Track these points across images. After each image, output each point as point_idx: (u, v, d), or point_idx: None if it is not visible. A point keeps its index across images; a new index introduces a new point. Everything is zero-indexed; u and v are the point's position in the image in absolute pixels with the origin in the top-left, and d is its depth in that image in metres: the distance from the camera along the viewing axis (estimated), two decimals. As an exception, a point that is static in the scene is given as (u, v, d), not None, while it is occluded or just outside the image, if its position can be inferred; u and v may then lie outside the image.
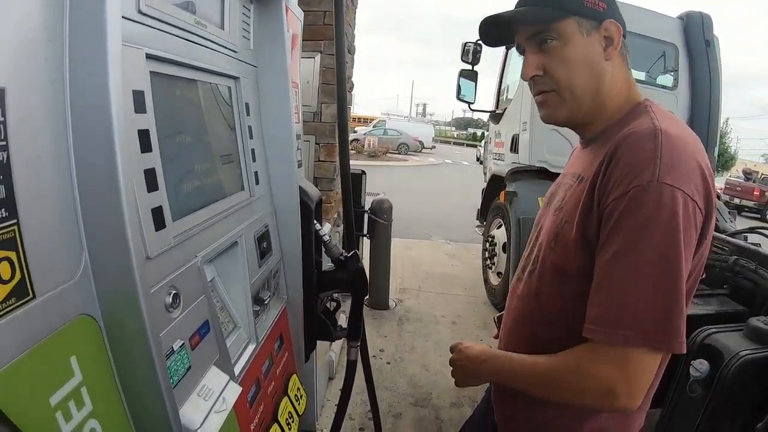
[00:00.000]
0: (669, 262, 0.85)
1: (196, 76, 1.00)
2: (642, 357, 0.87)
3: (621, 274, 0.86)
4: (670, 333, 0.85)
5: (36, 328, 0.55)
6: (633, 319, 0.85)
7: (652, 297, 0.85)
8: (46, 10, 0.57)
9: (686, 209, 0.85)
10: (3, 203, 0.51)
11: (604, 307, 0.88)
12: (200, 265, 0.89)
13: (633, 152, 0.89)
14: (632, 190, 0.86)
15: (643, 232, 0.85)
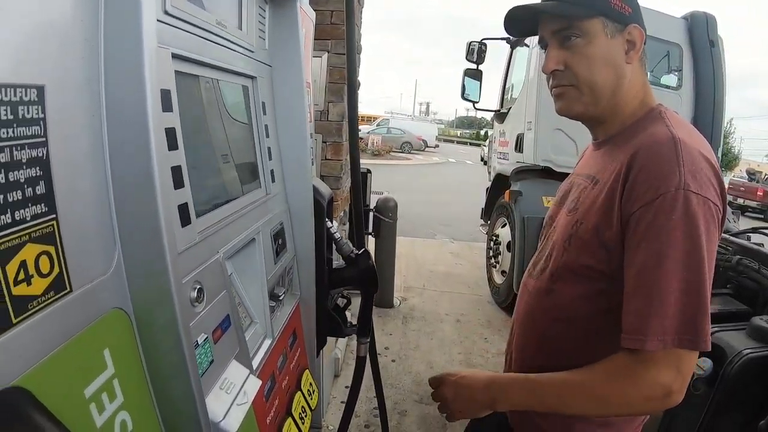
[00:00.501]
0: (698, 266, 0.88)
1: (216, 75, 1.02)
2: (690, 356, 0.91)
3: (656, 282, 0.89)
4: (705, 332, 0.89)
5: (72, 321, 0.57)
6: (678, 325, 0.88)
7: (689, 301, 0.88)
8: (82, 8, 0.58)
9: (709, 213, 0.89)
10: (42, 198, 0.53)
11: (647, 316, 0.90)
12: (222, 261, 0.91)
13: (655, 160, 0.92)
14: (660, 197, 0.89)
15: (674, 240, 0.88)
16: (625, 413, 1.00)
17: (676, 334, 0.88)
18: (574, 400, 0.98)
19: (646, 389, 0.91)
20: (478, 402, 1.06)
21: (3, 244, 0.48)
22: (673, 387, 0.89)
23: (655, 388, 0.90)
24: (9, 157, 0.48)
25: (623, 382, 0.92)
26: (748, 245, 2.91)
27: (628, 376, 0.92)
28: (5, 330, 0.48)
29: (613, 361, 0.95)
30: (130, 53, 0.60)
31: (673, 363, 0.89)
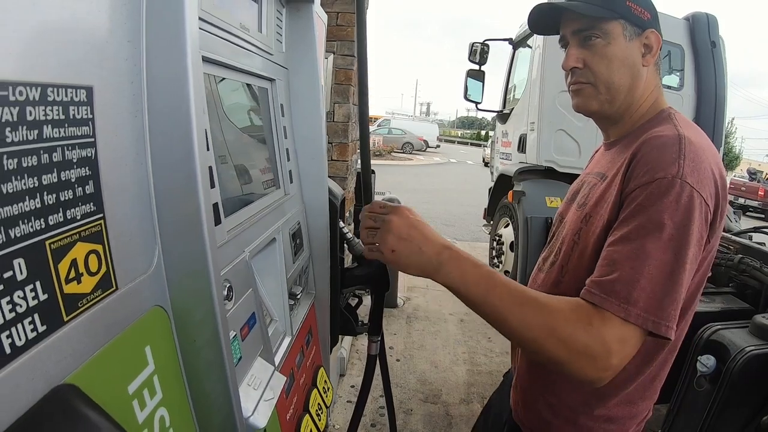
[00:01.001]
0: (679, 253, 0.88)
1: (239, 77, 1.04)
2: (640, 337, 0.88)
3: (636, 254, 0.89)
4: (669, 318, 0.88)
5: (118, 318, 0.58)
6: (645, 301, 0.87)
7: (662, 282, 0.87)
8: (124, 10, 0.59)
9: (700, 210, 0.90)
10: (91, 198, 0.54)
11: (622, 281, 0.88)
12: (248, 260, 0.93)
13: (658, 150, 0.95)
14: (657, 180, 0.91)
15: (661, 221, 0.89)
16: (553, 355, 0.89)
17: (641, 310, 0.86)
18: (520, 312, 0.89)
19: (592, 342, 0.86)
20: (424, 254, 0.93)
21: (56, 243, 0.49)
22: (613, 359, 0.86)
23: (599, 347, 0.86)
24: (61, 156, 0.50)
25: (579, 323, 0.88)
26: (750, 244, 2.94)
27: (587, 323, 0.87)
28: (57, 328, 0.49)
29: (578, 303, 0.92)
30: (174, 56, 0.61)
31: (625, 335, 0.87)
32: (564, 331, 0.87)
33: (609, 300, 0.87)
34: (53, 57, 0.49)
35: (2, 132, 0.43)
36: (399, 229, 0.94)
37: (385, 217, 0.95)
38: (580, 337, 0.86)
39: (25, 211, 0.45)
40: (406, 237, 0.93)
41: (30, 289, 0.46)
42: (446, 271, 0.92)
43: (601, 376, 0.87)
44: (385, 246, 0.93)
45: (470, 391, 3.47)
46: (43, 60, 0.47)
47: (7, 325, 0.43)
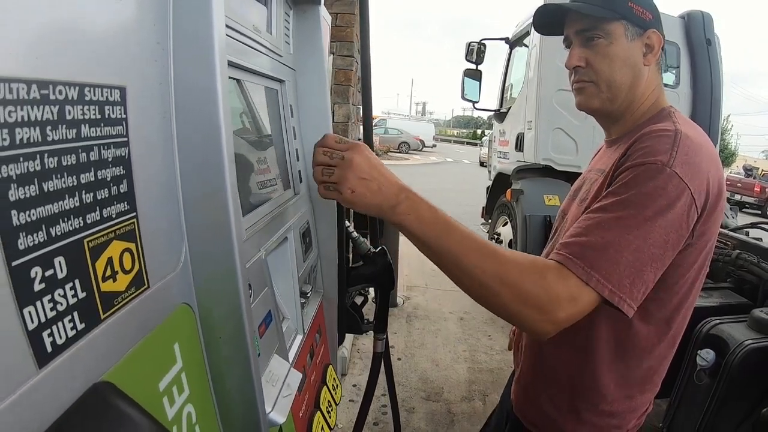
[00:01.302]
0: (651, 235, 0.90)
1: (252, 79, 1.06)
2: (593, 302, 0.89)
3: (610, 225, 0.91)
4: (629, 294, 0.89)
5: (149, 316, 0.59)
6: (607, 269, 0.88)
7: (628, 257, 0.89)
8: (153, 11, 0.60)
9: (684, 202, 0.91)
10: (125, 197, 0.55)
11: (589, 246, 0.90)
12: (264, 258, 0.94)
13: (653, 140, 0.97)
14: (646, 164, 0.93)
15: (641, 201, 0.91)
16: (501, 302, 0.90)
17: (602, 277, 0.88)
18: (474, 257, 0.89)
19: (542, 294, 0.87)
20: (383, 195, 0.90)
21: (93, 242, 0.50)
22: (560, 314, 0.87)
23: (547, 299, 0.87)
24: (98, 155, 0.51)
25: (532, 275, 0.88)
26: (747, 240, 2.97)
27: (540, 276, 0.88)
28: (95, 326, 0.50)
29: (535, 258, 0.93)
30: (203, 59, 0.62)
31: (578, 295, 0.88)
32: (515, 279, 0.88)
33: (574, 261, 0.89)
34: (90, 57, 0.50)
35: (44, 130, 0.44)
36: (360, 167, 0.89)
37: (345, 155, 0.90)
38: (529, 288, 0.87)
39: (65, 210, 0.46)
40: (368, 177, 0.89)
41: (70, 288, 0.47)
42: (402, 211, 0.90)
43: (546, 328, 0.89)
44: (345, 186, 0.89)
45: (471, 388, 3.49)
46: (80, 60, 0.48)
47: (48, 323, 0.44)
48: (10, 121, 0.40)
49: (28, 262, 0.42)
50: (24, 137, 0.42)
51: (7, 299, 0.40)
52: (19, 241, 0.41)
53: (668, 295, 1.04)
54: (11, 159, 0.40)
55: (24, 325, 0.41)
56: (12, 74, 0.40)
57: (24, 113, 0.42)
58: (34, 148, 0.43)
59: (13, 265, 0.40)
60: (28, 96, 0.42)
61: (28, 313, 0.42)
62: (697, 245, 1.00)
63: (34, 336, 0.42)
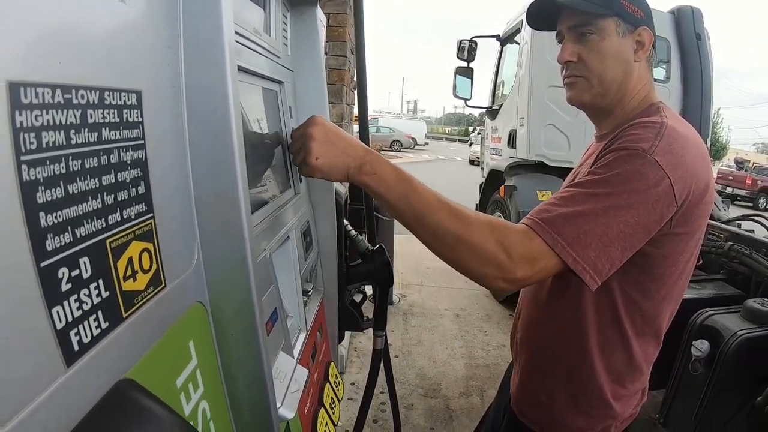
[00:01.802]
0: (623, 215, 0.93)
1: (253, 81, 1.07)
2: (554, 267, 0.94)
3: (584, 199, 0.94)
4: (592, 264, 0.93)
5: (166, 314, 0.61)
6: (573, 238, 0.92)
7: (595, 231, 0.92)
8: (164, 16, 0.61)
9: (663, 191, 0.94)
10: (143, 198, 0.57)
11: (560, 215, 0.94)
12: (269, 257, 0.96)
13: (637, 129, 1.01)
14: (629, 149, 0.96)
15: (617, 181, 0.94)
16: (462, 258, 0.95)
17: (567, 244, 0.92)
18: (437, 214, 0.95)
19: (501, 252, 0.91)
20: (348, 156, 0.96)
21: (115, 242, 0.51)
22: (518, 272, 0.92)
23: (505, 257, 0.91)
24: (117, 158, 0.52)
25: (493, 234, 0.92)
26: (739, 232, 3.01)
27: (502, 235, 0.92)
28: (117, 325, 0.51)
29: (498, 220, 0.97)
30: (214, 63, 0.63)
31: (540, 257, 0.92)
32: (476, 237, 0.92)
33: (542, 225, 0.93)
34: (108, 62, 0.51)
35: (68, 134, 0.45)
36: (319, 134, 0.96)
37: (305, 130, 0.97)
38: (490, 246, 0.92)
39: (88, 211, 0.48)
40: (328, 141, 0.96)
41: (94, 287, 0.48)
42: (367, 171, 0.95)
43: (502, 285, 0.94)
44: (310, 155, 0.95)
45: (469, 384, 3.51)
46: (99, 65, 0.50)
47: (75, 322, 0.45)
48: (37, 124, 0.41)
49: (55, 262, 0.43)
50: (50, 141, 0.43)
51: (36, 299, 0.41)
52: (47, 242, 0.42)
53: (656, 285, 1.08)
54: (39, 162, 0.41)
55: (53, 324, 0.42)
56: (38, 79, 0.42)
57: (49, 117, 0.43)
58: (60, 151, 0.44)
59: (41, 266, 0.41)
60: (52, 100, 0.43)
61: (56, 313, 0.43)
62: (682, 236, 1.03)
63: (62, 335, 0.43)
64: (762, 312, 2.19)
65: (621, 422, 1.21)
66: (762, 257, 2.62)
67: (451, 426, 3.05)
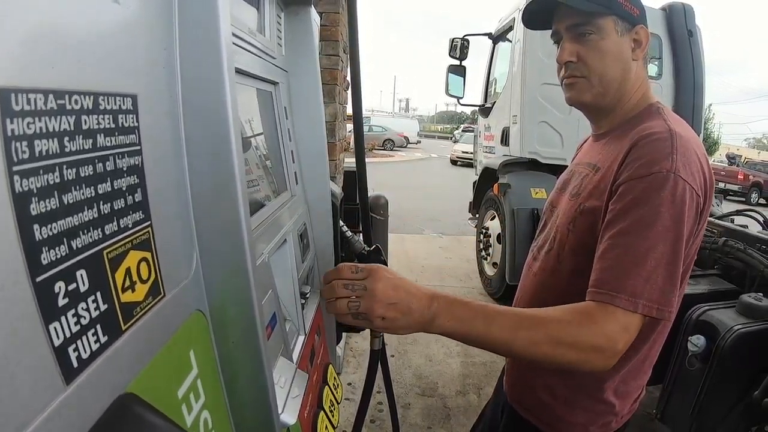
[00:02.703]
0: (675, 243, 0.94)
1: (248, 82, 1.05)
2: (641, 322, 0.94)
3: (636, 247, 0.94)
4: (671, 304, 0.94)
5: (166, 324, 0.59)
6: (650, 291, 0.92)
7: (661, 271, 0.93)
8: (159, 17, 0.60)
9: (692, 201, 0.95)
10: (140, 206, 0.55)
11: (623, 277, 0.93)
12: (268, 261, 0.94)
13: (653, 146, 0.99)
14: (652, 175, 0.95)
15: (658, 214, 0.93)
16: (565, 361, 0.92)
17: (647, 300, 0.92)
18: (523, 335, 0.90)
19: (598, 338, 0.91)
20: (415, 312, 0.89)
21: (112, 252, 0.49)
22: (619, 346, 0.91)
23: (604, 340, 0.91)
24: (113, 165, 0.50)
25: (581, 325, 0.92)
26: (733, 227, 3.02)
27: (589, 321, 0.92)
28: (117, 338, 0.50)
29: (574, 307, 0.96)
30: (211, 64, 0.62)
31: (629, 323, 0.92)
32: (569, 337, 0.91)
33: (618, 296, 0.92)
34: (103, 66, 0.49)
35: (61, 141, 0.43)
36: (385, 294, 0.88)
37: (366, 284, 0.88)
38: (585, 337, 0.91)
39: (84, 222, 0.46)
40: (395, 300, 0.88)
41: (92, 300, 0.46)
42: (441, 322, 0.90)
43: (609, 363, 0.93)
44: (374, 315, 0.87)
45: (465, 382, 3.51)
46: (94, 69, 0.48)
47: (73, 338, 0.43)
48: (29, 132, 0.40)
49: (51, 277, 0.41)
50: (43, 149, 0.41)
51: (33, 316, 0.39)
52: (42, 255, 0.40)
53: None
54: (31, 172, 0.40)
55: (50, 341, 0.41)
56: (30, 85, 0.40)
57: (42, 124, 0.41)
58: (53, 160, 0.42)
59: (37, 281, 0.39)
60: (45, 106, 0.41)
61: (54, 329, 0.41)
62: (693, 235, 1.02)
63: (60, 352, 0.42)
64: (757, 306, 2.20)
65: (621, 417, 1.21)
66: (756, 252, 2.63)
67: (449, 424, 3.04)
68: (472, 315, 0.91)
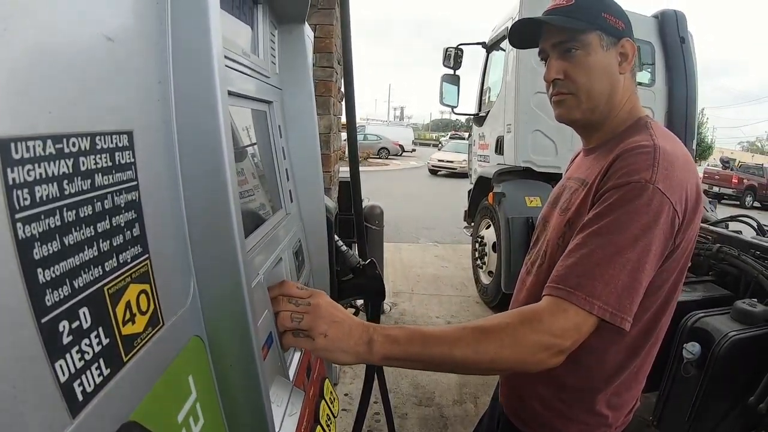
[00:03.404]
0: (643, 253, 0.95)
1: (242, 103, 1.07)
2: (594, 324, 0.95)
3: (602, 249, 0.96)
4: (626, 311, 0.94)
5: (166, 352, 0.60)
6: (607, 295, 0.93)
7: (623, 278, 0.94)
8: (154, 50, 0.60)
9: (667, 215, 0.96)
10: (138, 240, 0.56)
11: (583, 276, 0.95)
12: (263, 281, 0.95)
13: (635, 158, 1.01)
14: (630, 184, 0.97)
15: (630, 221, 0.95)
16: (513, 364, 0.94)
17: (604, 303, 0.93)
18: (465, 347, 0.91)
19: (543, 336, 0.92)
20: (354, 336, 0.90)
21: (113, 288, 0.51)
22: (566, 343, 0.93)
23: (550, 338, 0.92)
24: (111, 202, 0.51)
25: (525, 326, 0.93)
26: (727, 233, 3.04)
27: (535, 320, 0.94)
28: (119, 370, 0.51)
29: (518, 311, 0.98)
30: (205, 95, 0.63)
31: (581, 322, 0.94)
32: (511, 339, 0.93)
33: (575, 294, 0.94)
34: (98, 105, 0.50)
35: (61, 185, 0.44)
36: (328, 311, 0.92)
37: (311, 301, 0.93)
38: (529, 337, 0.92)
39: (85, 261, 0.47)
40: (337, 319, 0.91)
41: (94, 336, 0.47)
42: (378, 348, 0.90)
43: (557, 360, 0.95)
44: (317, 331, 0.90)
45: (462, 392, 3.52)
46: (90, 109, 0.49)
47: (78, 373, 0.45)
48: (29, 179, 0.41)
49: (55, 317, 0.42)
50: (43, 194, 0.42)
51: (39, 356, 0.41)
52: (47, 297, 0.42)
53: (655, 297, 1.08)
54: (33, 218, 0.41)
55: (56, 378, 0.42)
56: (29, 132, 0.41)
57: (42, 170, 0.42)
58: (54, 204, 0.43)
59: (42, 322, 0.41)
60: (44, 152, 0.42)
61: (59, 366, 0.42)
62: (679, 248, 1.04)
63: (66, 387, 0.43)
64: (752, 312, 2.22)
65: (614, 429, 1.22)
66: (750, 258, 2.65)
67: (446, 434, 3.05)
68: (408, 335, 0.92)
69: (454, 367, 0.96)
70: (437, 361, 0.92)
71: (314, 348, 0.91)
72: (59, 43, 0.45)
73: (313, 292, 0.95)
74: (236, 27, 1.04)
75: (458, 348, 0.91)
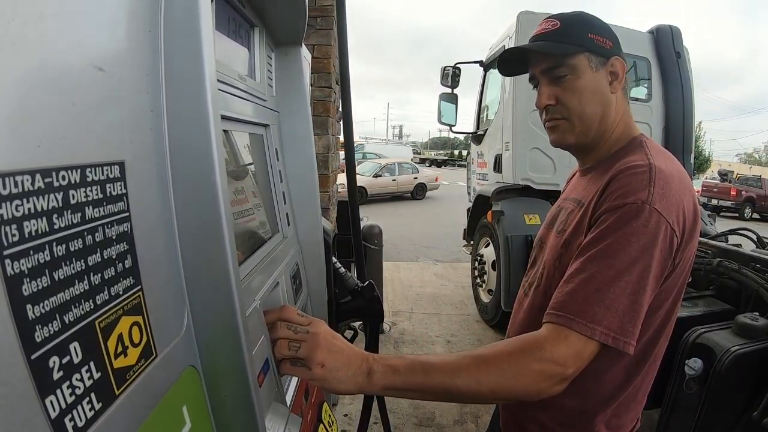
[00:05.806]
0: (642, 275, 0.94)
1: (238, 127, 1.07)
2: (596, 349, 0.94)
3: (601, 273, 0.95)
4: (629, 335, 0.93)
5: (160, 383, 0.60)
6: (609, 320, 0.92)
7: (623, 300, 0.93)
8: (147, 79, 0.60)
9: (665, 235, 0.95)
10: (130, 272, 0.55)
11: (583, 302, 0.94)
12: (259, 307, 0.95)
13: (629, 179, 1.00)
14: (627, 205, 0.97)
15: (627, 243, 0.94)
16: (516, 393, 0.93)
17: (605, 328, 0.92)
18: (466, 377, 0.90)
19: (545, 365, 0.91)
20: (353, 366, 0.89)
21: (104, 321, 0.50)
22: (569, 371, 0.92)
23: (553, 366, 0.91)
24: (102, 235, 0.51)
25: (527, 355, 0.92)
26: (727, 247, 3.03)
27: (536, 349, 0.93)
28: (111, 404, 0.50)
29: (519, 339, 0.97)
30: (198, 123, 0.63)
31: (582, 349, 0.93)
32: (513, 368, 0.92)
33: (576, 321, 0.93)
34: (89, 136, 0.49)
35: (50, 219, 0.44)
36: (327, 340, 0.90)
37: (309, 329, 0.91)
38: (531, 366, 0.92)
39: (76, 295, 0.46)
40: (336, 350, 0.90)
41: (86, 371, 0.47)
42: (378, 378, 0.89)
43: (559, 388, 0.94)
44: (314, 360, 0.88)
45: (463, 411, 3.49)
46: (80, 141, 0.48)
47: (68, 409, 0.44)
48: (18, 215, 0.40)
49: (45, 353, 0.42)
50: (32, 230, 0.42)
51: (29, 393, 0.40)
52: (36, 333, 0.41)
53: (654, 318, 1.07)
54: (22, 254, 0.40)
55: (47, 414, 0.41)
56: (17, 167, 0.40)
57: (30, 205, 0.42)
58: (43, 239, 0.43)
59: (32, 359, 0.40)
60: (32, 187, 0.42)
61: (50, 402, 0.42)
62: (679, 266, 1.04)
63: (56, 423, 0.42)
64: (753, 326, 2.20)
65: None
66: (751, 271, 2.64)
67: (448, 455, 3.01)
68: (409, 365, 0.91)
69: (455, 397, 0.95)
70: (439, 391, 0.91)
71: (311, 377, 0.90)
72: (48, 75, 0.45)
73: (312, 320, 0.94)
74: (233, 50, 1.05)
75: (460, 378, 0.90)
